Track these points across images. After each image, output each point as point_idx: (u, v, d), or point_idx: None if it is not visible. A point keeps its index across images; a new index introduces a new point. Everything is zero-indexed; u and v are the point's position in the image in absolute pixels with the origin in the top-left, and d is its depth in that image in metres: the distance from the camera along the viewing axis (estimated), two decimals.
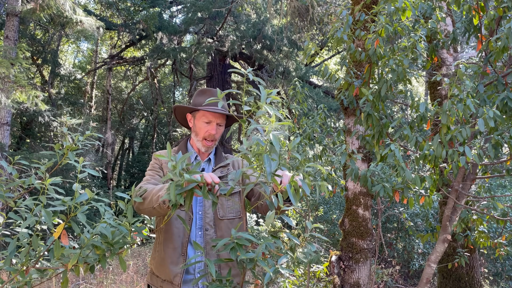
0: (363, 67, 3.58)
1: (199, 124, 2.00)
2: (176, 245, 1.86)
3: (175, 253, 1.85)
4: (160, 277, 1.89)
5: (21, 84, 6.29)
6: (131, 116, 17.71)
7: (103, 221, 1.39)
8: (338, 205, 7.03)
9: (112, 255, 1.37)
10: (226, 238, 1.30)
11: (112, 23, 11.14)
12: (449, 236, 2.64)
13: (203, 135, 1.99)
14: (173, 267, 1.83)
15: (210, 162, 2.06)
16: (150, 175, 1.94)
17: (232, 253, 1.25)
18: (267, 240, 1.27)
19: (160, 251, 1.89)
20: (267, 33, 10.32)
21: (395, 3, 2.50)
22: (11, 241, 1.34)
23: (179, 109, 2.10)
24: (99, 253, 1.36)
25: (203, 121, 1.98)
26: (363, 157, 3.71)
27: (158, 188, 1.65)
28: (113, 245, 1.37)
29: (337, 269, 3.66)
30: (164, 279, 1.86)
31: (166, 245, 1.87)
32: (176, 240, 1.86)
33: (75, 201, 1.33)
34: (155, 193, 1.62)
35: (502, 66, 2.68)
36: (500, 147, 2.20)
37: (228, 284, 1.31)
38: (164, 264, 1.86)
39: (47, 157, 7.26)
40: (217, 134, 2.01)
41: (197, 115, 2.03)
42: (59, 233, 1.31)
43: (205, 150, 2.01)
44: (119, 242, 1.38)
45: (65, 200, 1.32)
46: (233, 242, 1.26)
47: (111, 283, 5.69)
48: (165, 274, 1.86)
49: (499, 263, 5.96)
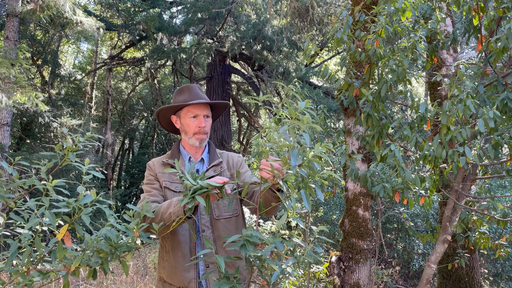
0: (363, 68, 3.59)
1: (186, 121, 1.98)
2: (185, 252, 1.86)
3: (185, 260, 1.85)
4: (174, 285, 1.88)
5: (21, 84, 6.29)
6: (131, 117, 17.71)
7: (108, 224, 1.39)
8: (338, 206, 7.02)
9: (115, 258, 1.36)
10: (236, 235, 1.30)
11: (112, 24, 11.15)
12: (449, 236, 2.64)
13: (193, 131, 1.96)
14: (186, 273, 1.84)
15: (204, 162, 2.04)
16: (147, 191, 1.92)
17: (242, 250, 1.25)
18: (275, 239, 1.27)
19: (170, 260, 1.88)
20: (267, 33, 10.32)
21: (395, 3, 2.50)
22: (13, 242, 1.33)
23: (162, 113, 2.06)
24: (102, 256, 1.36)
25: (189, 117, 1.96)
26: (363, 158, 3.71)
27: (166, 205, 1.65)
28: (117, 248, 1.36)
29: (337, 269, 3.66)
30: (179, 286, 1.87)
31: (175, 253, 1.87)
32: (184, 247, 1.86)
33: (79, 202, 1.33)
34: (165, 211, 1.62)
35: (502, 66, 2.68)
36: (500, 147, 2.20)
37: (235, 282, 1.31)
38: (176, 272, 1.85)
39: (47, 158, 7.26)
40: (207, 126, 1.99)
41: (181, 114, 2.01)
42: (62, 235, 1.31)
43: (200, 143, 1.98)
44: (123, 246, 1.38)
45: (69, 202, 1.32)
46: (244, 239, 1.27)
47: (111, 284, 5.69)
48: (178, 281, 1.86)
49: (499, 264, 5.95)
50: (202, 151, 2.06)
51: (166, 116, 2.09)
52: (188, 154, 2.04)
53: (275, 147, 1.33)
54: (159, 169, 1.98)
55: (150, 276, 6.18)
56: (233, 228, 1.93)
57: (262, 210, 1.46)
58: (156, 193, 1.90)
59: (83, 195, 1.35)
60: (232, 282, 1.31)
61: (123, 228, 1.39)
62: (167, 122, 2.12)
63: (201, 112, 1.96)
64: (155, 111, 2.03)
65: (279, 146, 1.31)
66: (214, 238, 1.89)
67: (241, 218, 2.00)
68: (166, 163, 1.99)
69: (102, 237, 1.37)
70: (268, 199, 1.59)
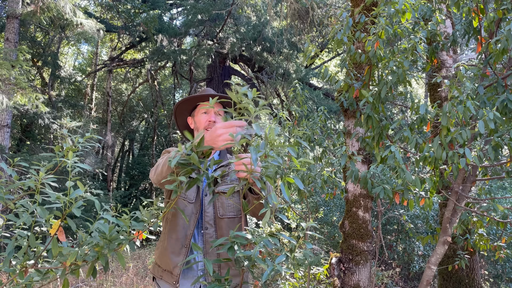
0: (363, 69, 3.59)
1: (198, 118, 2.01)
2: (180, 236, 1.86)
3: (177, 243, 1.85)
4: (161, 267, 1.89)
5: (21, 86, 6.29)
6: (131, 118, 17.72)
7: (100, 217, 1.39)
8: (338, 207, 7.02)
9: (110, 251, 1.36)
10: (223, 238, 1.30)
11: (112, 26, 11.17)
12: (449, 238, 2.64)
13: (204, 126, 1.97)
14: (174, 257, 1.83)
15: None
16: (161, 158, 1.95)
17: (229, 252, 1.24)
18: (263, 238, 1.26)
19: (164, 241, 1.90)
20: (267, 35, 10.34)
21: (395, 5, 2.51)
22: (9, 242, 1.33)
23: (180, 112, 2.10)
24: (98, 250, 1.35)
25: (201, 113, 2.00)
26: (363, 159, 3.71)
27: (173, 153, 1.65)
28: (111, 241, 1.36)
29: (337, 271, 3.65)
30: (164, 269, 1.87)
31: (169, 235, 1.88)
32: (181, 231, 1.86)
33: (69, 196, 1.32)
34: (165, 162, 1.62)
35: (501, 68, 2.68)
36: (500, 149, 2.20)
37: (226, 284, 1.30)
38: (165, 254, 1.86)
39: (47, 159, 7.26)
40: (217, 121, 1.98)
41: (195, 112, 2.05)
42: (55, 230, 1.30)
43: None
44: (117, 238, 1.37)
45: (59, 196, 1.32)
46: (231, 241, 1.26)
47: (111, 285, 5.68)
48: (165, 263, 1.86)
49: (499, 265, 5.95)
50: (213, 152, 2.07)
51: (184, 119, 2.14)
52: None
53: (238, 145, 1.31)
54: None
55: (150, 278, 6.17)
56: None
57: (246, 210, 1.45)
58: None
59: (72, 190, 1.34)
60: (223, 285, 1.30)
61: (115, 220, 1.38)
62: (185, 125, 2.16)
63: (212, 108, 1.98)
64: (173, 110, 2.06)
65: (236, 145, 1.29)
66: (217, 236, 1.89)
67: (243, 221, 2.00)
68: None
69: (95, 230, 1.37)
70: (257, 198, 1.60)
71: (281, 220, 7.44)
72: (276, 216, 4.88)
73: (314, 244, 6.29)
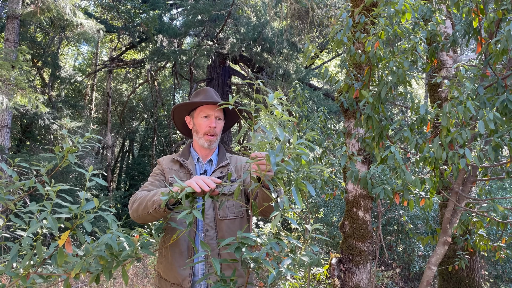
0: (363, 69, 3.59)
1: (198, 121, 2.02)
2: (183, 249, 1.87)
3: (182, 257, 1.86)
4: (169, 281, 1.90)
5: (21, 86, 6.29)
6: (131, 119, 17.72)
7: (110, 231, 1.38)
8: (338, 208, 7.01)
9: (116, 266, 1.36)
10: (230, 238, 1.30)
11: (112, 26, 11.16)
12: (450, 238, 2.64)
13: (204, 130, 2.00)
14: (182, 271, 1.85)
15: (212, 163, 2.07)
16: (149, 182, 1.96)
17: (236, 253, 1.24)
18: (271, 241, 1.26)
19: (167, 256, 1.90)
20: (267, 35, 10.33)
21: (395, 5, 2.51)
22: (13, 246, 1.33)
23: (178, 113, 2.11)
24: (103, 264, 1.35)
25: (201, 117, 2.01)
26: (363, 159, 3.71)
27: (152, 193, 1.67)
28: (118, 256, 1.36)
29: (338, 271, 3.65)
30: (173, 283, 1.88)
31: (172, 250, 1.89)
32: (183, 244, 1.88)
33: (81, 209, 1.32)
34: (150, 199, 1.64)
35: (501, 68, 2.68)
36: (500, 149, 2.20)
37: (232, 284, 1.30)
38: (172, 269, 1.87)
39: (47, 160, 7.26)
40: (217, 128, 2.02)
41: (195, 114, 2.05)
42: (63, 241, 1.30)
43: (208, 145, 2.01)
44: (124, 254, 1.37)
45: (72, 208, 1.31)
46: (238, 242, 1.26)
47: (110, 286, 5.67)
48: (174, 278, 1.87)
49: (499, 266, 5.94)
50: (211, 153, 2.09)
51: (181, 116, 2.14)
52: (197, 155, 2.07)
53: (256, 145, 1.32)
54: (167, 165, 2.03)
55: (150, 279, 6.17)
56: (236, 230, 1.92)
57: (255, 211, 1.45)
58: (158, 184, 1.94)
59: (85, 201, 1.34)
60: (229, 285, 1.30)
61: (124, 237, 1.38)
62: (182, 122, 2.17)
63: (213, 113, 2.01)
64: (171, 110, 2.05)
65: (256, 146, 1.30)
66: (217, 238, 1.89)
67: (245, 220, 2.00)
68: (175, 160, 2.05)
69: (103, 244, 1.37)
70: (267, 198, 1.59)
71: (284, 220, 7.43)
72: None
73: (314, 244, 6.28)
